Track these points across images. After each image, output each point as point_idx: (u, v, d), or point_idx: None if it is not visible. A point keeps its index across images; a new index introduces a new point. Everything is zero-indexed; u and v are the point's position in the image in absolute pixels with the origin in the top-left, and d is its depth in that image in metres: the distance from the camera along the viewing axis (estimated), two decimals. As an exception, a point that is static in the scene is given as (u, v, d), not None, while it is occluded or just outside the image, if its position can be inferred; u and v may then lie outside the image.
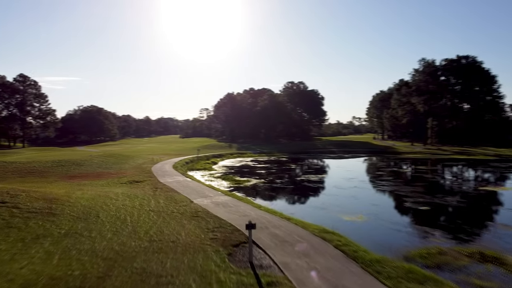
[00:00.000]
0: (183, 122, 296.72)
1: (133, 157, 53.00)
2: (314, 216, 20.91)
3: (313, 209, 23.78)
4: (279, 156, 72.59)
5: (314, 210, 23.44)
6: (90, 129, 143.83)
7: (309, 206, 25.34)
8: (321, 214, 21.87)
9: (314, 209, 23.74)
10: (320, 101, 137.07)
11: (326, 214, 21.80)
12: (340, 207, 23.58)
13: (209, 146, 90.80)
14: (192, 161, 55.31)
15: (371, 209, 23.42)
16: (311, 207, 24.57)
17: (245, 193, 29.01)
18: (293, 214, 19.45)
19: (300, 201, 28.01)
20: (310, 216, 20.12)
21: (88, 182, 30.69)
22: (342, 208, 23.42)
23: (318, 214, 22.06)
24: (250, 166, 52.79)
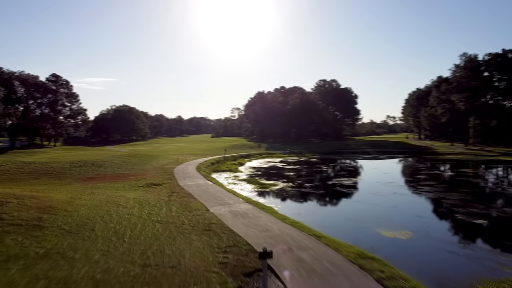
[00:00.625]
0: (215, 122, 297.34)
1: (157, 157, 51.23)
2: (348, 231, 17.84)
3: (347, 222, 20.51)
4: (310, 156, 69.21)
5: (348, 223, 20.19)
6: (121, 128, 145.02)
7: (342, 217, 21.99)
8: (357, 229, 18.69)
9: (348, 222, 20.47)
10: (354, 100, 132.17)
11: (362, 229, 18.61)
12: (378, 219, 20.26)
13: (238, 146, 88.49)
14: (218, 161, 52.95)
15: (416, 222, 20.01)
16: (345, 219, 21.24)
17: (269, 199, 26.15)
18: (324, 229, 16.42)
19: (331, 211, 24.70)
20: (343, 232, 17.08)
21: (103, 185, 28.74)
22: (381, 220, 20.11)
23: (353, 228, 18.89)
24: (278, 167, 49.83)
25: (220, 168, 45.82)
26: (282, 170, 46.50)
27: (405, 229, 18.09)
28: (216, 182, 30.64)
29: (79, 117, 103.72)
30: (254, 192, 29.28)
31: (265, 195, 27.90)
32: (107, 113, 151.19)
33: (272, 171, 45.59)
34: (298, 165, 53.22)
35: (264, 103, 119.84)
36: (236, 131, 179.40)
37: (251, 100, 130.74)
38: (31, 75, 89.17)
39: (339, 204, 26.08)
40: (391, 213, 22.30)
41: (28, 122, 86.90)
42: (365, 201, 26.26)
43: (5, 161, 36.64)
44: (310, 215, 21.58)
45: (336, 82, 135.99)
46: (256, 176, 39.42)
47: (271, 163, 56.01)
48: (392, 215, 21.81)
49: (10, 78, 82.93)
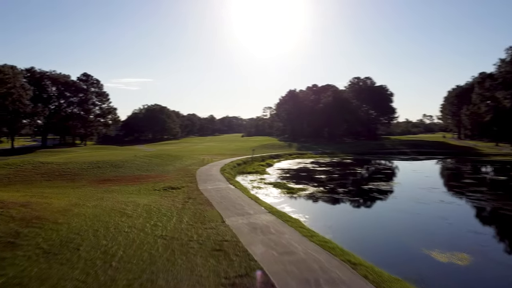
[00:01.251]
0: (247, 121, 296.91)
1: (182, 158, 49.22)
2: (389, 252, 14.73)
3: (387, 239, 17.18)
4: (343, 157, 65.51)
5: (390, 241, 16.90)
6: (153, 127, 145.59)
7: (381, 232, 18.58)
8: (400, 248, 15.49)
9: (389, 239, 17.16)
10: (389, 98, 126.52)
11: (407, 248, 15.40)
12: (425, 235, 16.96)
13: (268, 146, 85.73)
14: (245, 162, 50.38)
15: (472, 240, 16.56)
16: (385, 235, 17.86)
17: (296, 208, 23.16)
18: (359, 249, 13.42)
19: (368, 224, 21.00)
20: (383, 253, 14.05)
21: (117, 188, 26.70)
22: (429, 236, 16.81)
23: (396, 248, 15.67)
24: (309, 169, 46.65)
25: (246, 169, 43.18)
26: (312, 172, 43.32)
27: (461, 250, 14.74)
28: (239, 186, 27.93)
29: (109, 116, 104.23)
30: (280, 198, 26.39)
31: (292, 202, 24.95)
32: (139, 113, 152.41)
33: (301, 173, 42.51)
34: (330, 166, 49.83)
35: (296, 101, 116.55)
36: (267, 131, 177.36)
37: (282, 99, 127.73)
38: (62, 74, 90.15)
39: (377, 215, 22.67)
40: (440, 227, 18.82)
41: (59, 121, 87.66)
42: (407, 210, 22.77)
43: (24, 161, 35.48)
44: (343, 230, 18.44)
45: (370, 80, 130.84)
46: (284, 179, 36.50)
47: (301, 164, 52.88)
48: (442, 230, 18.35)
49: (42, 77, 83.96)
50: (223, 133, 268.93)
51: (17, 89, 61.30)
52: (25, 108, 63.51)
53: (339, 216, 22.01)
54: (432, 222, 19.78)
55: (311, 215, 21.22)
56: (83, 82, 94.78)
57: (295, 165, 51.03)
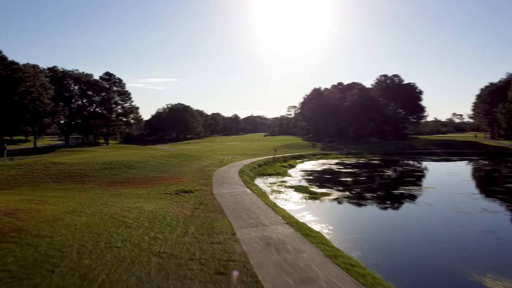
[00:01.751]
0: (271, 120, 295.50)
1: (200, 158, 47.41)
2: (432, 278, 12.12)
3: (428, 260, 14.38)
4: (370, 158, 62.31)
5: (431, 262, 14.15)
6: (176, 126, 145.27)
7: (418, 249, 15.68)
8: (445, 273, 12.81)
9: (430, 260, 14.38)
10: (418, 96, 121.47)
11: (452, 273, 12.75)
12: (473, 256, 14.22)
13: (291, 146, 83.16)
14: (266, 163, 48.10)
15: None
16: (424, 254, 14.95)
17: (319, 216, 20.68)
18: (395, 273, 10.95)
19: (402, 239, 17.79)
20: (425, 280, 11.45)
21: (126, 191, 24.94)
22: (477, 256, 14.09)
23: (439, 272, 12.97)
24: (333, 171, 43.94)
25: (266, 171, 40.86)
26: (337, 174, 40.63)
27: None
28: (257, 190, 25.64)
29: (131, 115, 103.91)
30: (301, 204, 23.96)
31: (314, 209, 22.48)
32: (162, 112, 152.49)
33: (326, 175, 39.90)
34: (357, 168, 46.95)
35: (321, 100, 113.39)
36: (291, 130, 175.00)
37: (306, 97, 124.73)
38: (84, 73, 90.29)
39: (412, 226, 19.82)
40: (489, 244, 16.00)
41: (83, 120, 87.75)
42: (447, 221, 19.90)
43: (36, 162, 34.32)
44: (373, 246, 15.78)
45: (398, 77, 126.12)
46: (306, 182, 34.03)
47: (325, 165, 50.17)
48: (491, 247, 15.55)
49: (64, 76, 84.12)
50: (247, 132, 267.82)
51: (37, 88, 61.10)
52: (45, 107, 63.30)
53: (368, 228, 19.39)
54: (479, 237, 16.94)
55: (335, 226, 18.71)
56: (105, 81, 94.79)
57: (319, 166, 48.41)
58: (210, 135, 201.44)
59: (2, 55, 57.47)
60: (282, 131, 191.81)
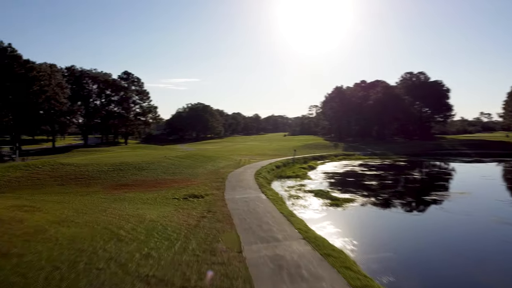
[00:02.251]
0: (292, 120, 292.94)
1: (217, 159, 45.43)
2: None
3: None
4: (395, 159, 59.08)
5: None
6: (196, 126, 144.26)
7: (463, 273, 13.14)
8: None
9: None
10: (445, 94, 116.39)
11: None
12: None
13: (312, 146, 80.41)
14: (285, 164, 45.72)
15: None
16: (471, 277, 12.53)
17: (342, 227, 18.20)
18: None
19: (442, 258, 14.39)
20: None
21: (131, 196, 23.08)
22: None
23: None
24: (357, 173, 41.19)
25: (285, 173, 38.43)
26: (361, 177, 37.90)
27: None
28: (272, 195, 23.33)
29: (150, 114, 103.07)
30: (321, 212, 21.50)
31: (336, 219, 20.02)
32: (182, 112, 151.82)
33: (348, 178, 37.25)
34: (382, 170, 44.04)
35: (343, 98, 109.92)
36: (313, 130, 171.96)
37: (328, 96, 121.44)
38: (102, 72, 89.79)
39: (453, 242, 16.80)
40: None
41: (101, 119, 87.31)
42: (491, 235, 17.11)
43: (44, 162, 32.99)
44: (409, 270, 13.07)
45: (424, 75, 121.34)
46: (328, 186, 31.53)
47: (348, 166, 47.41)
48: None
49: (82, 76, 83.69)
50: (268, 132, 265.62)
51: (53, 87, 60.43)
52: (62, 106, 62.63)
53: (399, 243, 16.71)
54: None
55: (361, 241, 16.15)
56: (123, 80, 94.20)
57: (341, 168, 45.70)
58: (230, 134, 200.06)
59: (16, 53, 57.07)
60: (303, 130, 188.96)
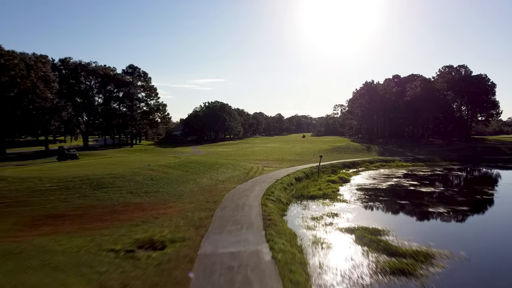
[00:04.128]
0: (316, 120, 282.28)
1: (220, 167, 35.31)
2: None
3: None
4: (446, 166, 47.69)
5: None
6: (213, 126, 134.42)
7: None
8: None
9: None
10: (490, 90, 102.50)
11: None
12: None
13: (340, 149, 69.25)
14: (309, 175, 35.22)
15: None
16: None
17: None
18: None
19: None
20: None
21: (40, 243, 13.24)
22: None
23: None
24: (407, 189, 30.23)
25: (307, 190, 27.47)
26: (416, 196, 26.97)
27: None
28: (283, 249, 12.76)
29: (157, 113, 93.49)
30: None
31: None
32: (199, 111, 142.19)
33: (398, 199, 26.37)
34: (439, 182, 33.07)
35: (374, 95, 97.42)
36: (338, 130, 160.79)
37: (357, 93, 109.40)
38: (102, 66, 79.45)
39: None
40: None
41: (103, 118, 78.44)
42: None
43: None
44: None
45: (465, 68, 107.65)
46: (373, 215, 20.92)
47: (391, 178, 36.39)
48: None
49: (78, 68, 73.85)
50: (291, 132, 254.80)
51: (33, 79, 51.32)
52: (44, 102, 53.34)
53: None
54: None
55: None
56: (128, 75, 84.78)
57: (382, 181, 34.75)
58: (251, 135, 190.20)
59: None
60: (328, 131, 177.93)
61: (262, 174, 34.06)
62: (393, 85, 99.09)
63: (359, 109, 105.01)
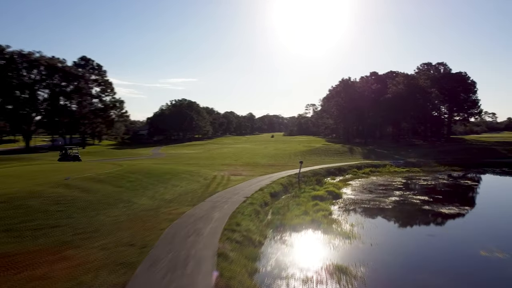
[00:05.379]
0: (288, 120, 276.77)
1: (171, 179, 26.68)
2: None
3: None
4: (446, 171, 40.88)
5: None
6: (179, 125, 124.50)
7: None
8: None
9: None
10: (470, 88, 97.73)
11: None
12: None
13: (319, 151, 61.65)
14: (288, 187, 27.21)
15: None
16: None
17: None
18: None
19: None
20: None
21: None
22: None
23: None
24: (419, 208, 22.58)
25: (290, 215, 19.02)
26: (442, 222, 19.43)
27: None
28: None
29: (113, 111, 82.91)
30: None
31: None
32: (166, 109, 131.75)
33: (423, 229, 18.71)
34: (457, 198, 25.74)
35: (351, 92, 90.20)
36: (311, 129, 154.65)
37: (333, 90, 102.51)
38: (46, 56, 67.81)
39: None
40: None
41: (43, 116, 67.53)
42: None
43: None
44: None
45: (444, 66, 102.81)
46: (389, 264, 13.12)
47: (391, 191, 28.77)
48: None
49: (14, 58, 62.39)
50: (263, 132, 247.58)
51: None
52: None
53: None
54: None
55: None
56: (80, 67, 74.02)
57: (381, 194, 27.09)
58: (222, 135, 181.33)
59: None
60: (300, 130, 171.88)
61: (227, 187, 25.83)
62: (372, 81, 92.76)
63: (335, 108, 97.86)
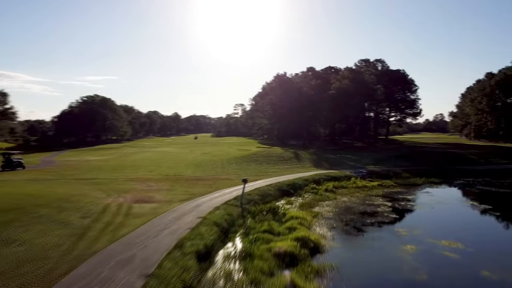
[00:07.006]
0: (216, 120, 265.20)
1: (23, 216, 13.75)
2: None
3: None
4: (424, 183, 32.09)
5: None
6: (91, 126, 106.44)
7: None
8: None
9: None
10: (409, 86, 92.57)
11: None
12: None
13: (257, 157, 50.44)
14: (227, 229, 15.62)
15: None
16: None
17: None
18: None
19: None
20: None
21: None
22: None
23: None
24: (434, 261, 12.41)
25: None
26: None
27: None
28: None
29: None
30: None
31: None
32: (75, 106, 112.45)
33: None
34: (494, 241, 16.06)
35: (288, 89, 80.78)
36: (241, 130, 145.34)
37: (267, 86, 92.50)
38: None
39: None
40: None
41: None
42: None
43: None
44: None
45: (383, 63, 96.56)
46: None
47: (384, 222, 18.51)
48: None
49: None
50: (189, 132, 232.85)
51: None
52: None
53: None
54: None
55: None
56: None
57: (376, 232, 16.63)
58: (144, 136, 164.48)
59: None
60: (229, 131, 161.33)
61: (119, 235, 13.67)
62: (311, 77, 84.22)
63: (270, 106, 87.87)
